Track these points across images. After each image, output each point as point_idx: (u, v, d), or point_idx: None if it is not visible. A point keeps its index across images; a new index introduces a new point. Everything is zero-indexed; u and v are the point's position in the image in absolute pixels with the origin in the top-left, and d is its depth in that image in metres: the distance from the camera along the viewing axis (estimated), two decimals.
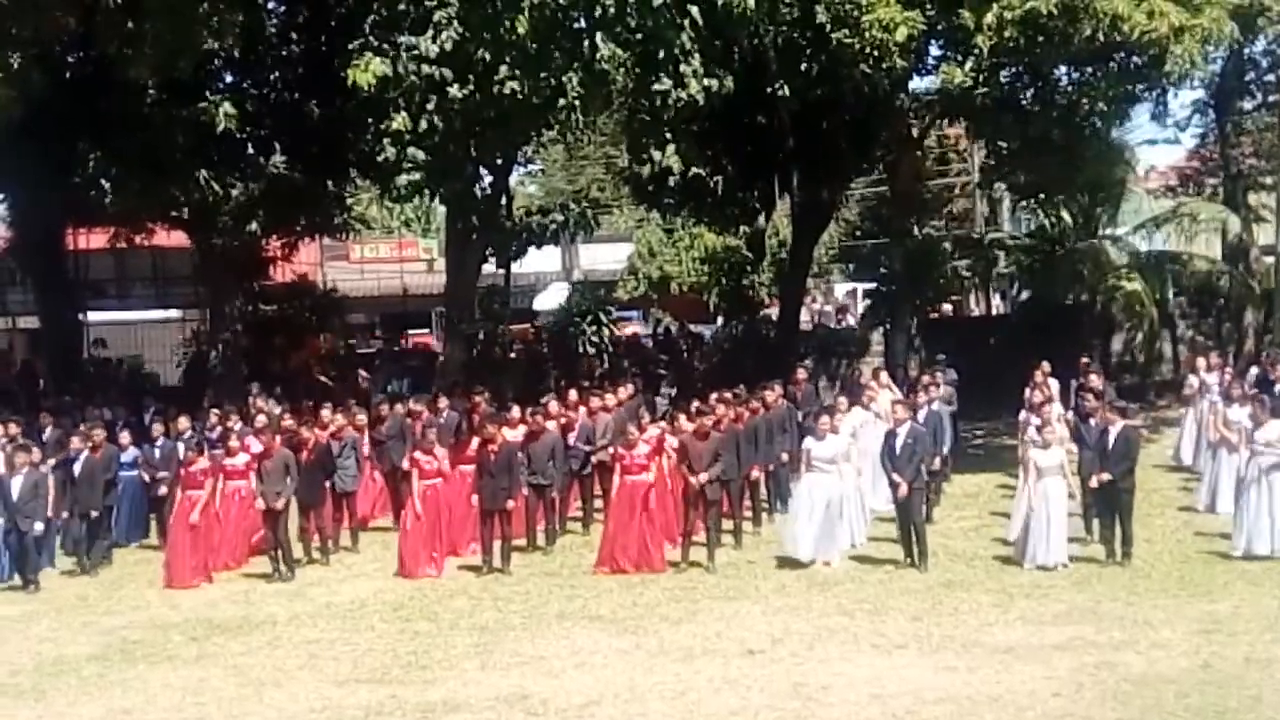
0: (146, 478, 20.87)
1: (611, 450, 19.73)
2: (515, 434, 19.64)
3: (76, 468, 19.52)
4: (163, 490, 20.61)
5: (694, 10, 23.68)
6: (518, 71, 22.71)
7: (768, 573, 17.42)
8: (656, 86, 24.01)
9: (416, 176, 24.31)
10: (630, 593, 16.56)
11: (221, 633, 15.65)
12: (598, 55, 22.87)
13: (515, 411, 20.59)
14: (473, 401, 22.38)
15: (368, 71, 22.79)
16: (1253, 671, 12.46)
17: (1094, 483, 17.16)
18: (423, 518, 18.37)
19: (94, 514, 19.42)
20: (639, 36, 23.44)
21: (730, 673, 13.06)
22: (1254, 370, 24.65)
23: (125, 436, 21.15)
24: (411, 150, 23.57)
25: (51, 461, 19.48)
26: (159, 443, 21.16)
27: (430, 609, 16.31)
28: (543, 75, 23.00)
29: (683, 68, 24.22)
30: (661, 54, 23.67)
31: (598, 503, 21.05)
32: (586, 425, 21.10)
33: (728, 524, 18.93)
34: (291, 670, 13.93)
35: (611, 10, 22.75)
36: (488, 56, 22.76)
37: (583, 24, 23.31)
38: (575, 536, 20.27)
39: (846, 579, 16.77)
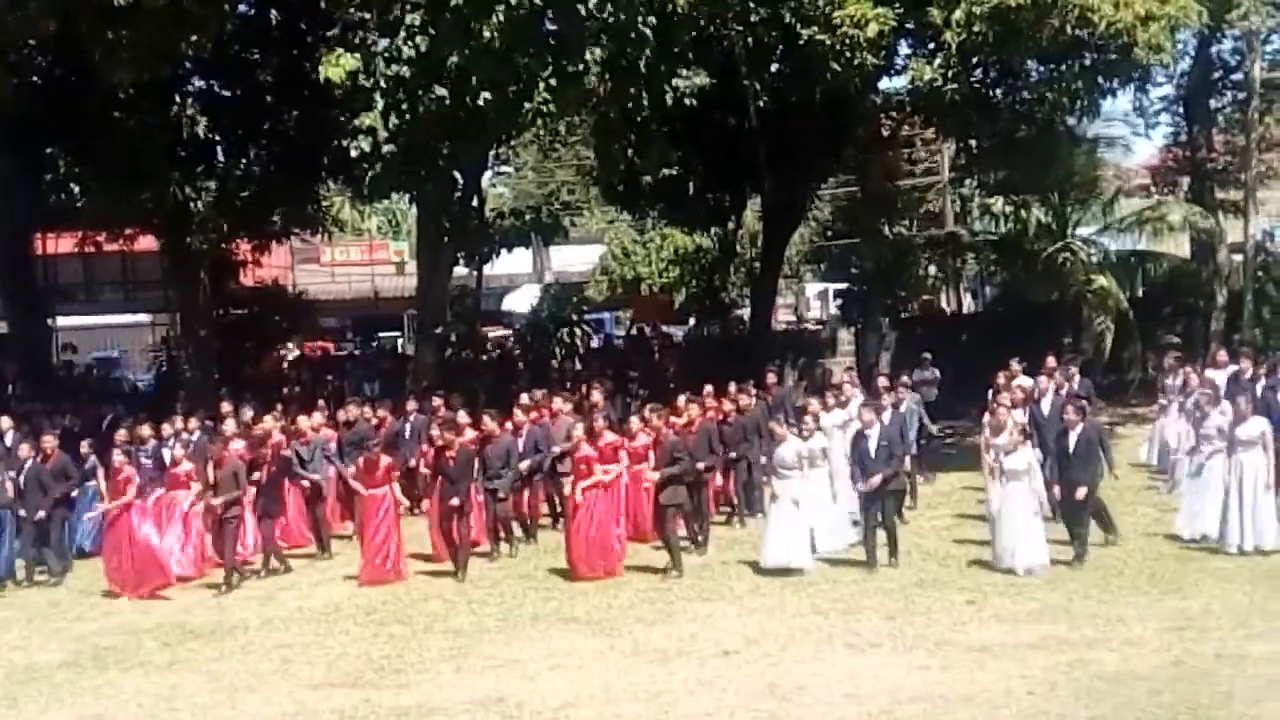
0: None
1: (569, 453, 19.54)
2: (469, 439, 19.45)
3: (22, 476, 19.32)
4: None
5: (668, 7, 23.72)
6: (485, 79, 22.61)
7: (742, 574, 17.40)
8: (631, 89, 24.02)
9: (388, 172, 24.19)
10: (605, 595, 16.55)
11: (194, 638, 15.59)
12: (578, 61, 22.83)
13: (463, 416, 20.39)
14: (435, 406, 22.21)
15: (338, 66, 22.69)
16: (1224, 668, 12.49)
17: (1055, 492, 17.13)
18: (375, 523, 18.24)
19: (39, 517, 19.09)
20: (604, 38, 23.43)
21: (705, 674, 13.05)
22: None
23: (84, 445, 20.94)
24: (386, 147, 23.45)
25: None
26: (148, 447, 21.01)
27: (404, 612, 16.27)
28: (508, 81, 22.91)
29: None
30: (635, 59, 23.69)
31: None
32: (535, 431, 20.64)
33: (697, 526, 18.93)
34: (265, 675, 13.88)
35: (589, 9, 22.71)
36: (458, 61, 22.70)
37: (553, 28, 23.23)
38: (547, 539, 20.23)
39: (820, 579, 16.76)
